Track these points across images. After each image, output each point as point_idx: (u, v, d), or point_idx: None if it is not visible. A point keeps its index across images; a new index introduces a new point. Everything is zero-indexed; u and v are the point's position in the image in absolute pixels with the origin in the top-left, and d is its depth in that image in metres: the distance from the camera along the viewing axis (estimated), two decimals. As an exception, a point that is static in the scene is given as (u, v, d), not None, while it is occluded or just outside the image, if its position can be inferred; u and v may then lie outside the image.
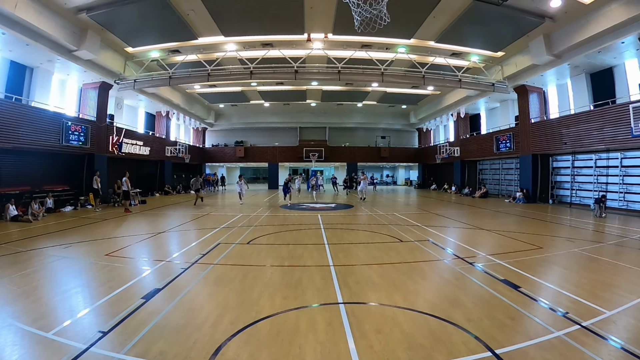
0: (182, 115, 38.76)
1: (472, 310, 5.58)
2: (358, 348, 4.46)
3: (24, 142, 18.44)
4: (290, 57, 22.97)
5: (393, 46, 22.79)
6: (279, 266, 8.46)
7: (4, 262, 9.07)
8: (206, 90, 35.03)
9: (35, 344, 4.74)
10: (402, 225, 14.57)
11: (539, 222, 16.03)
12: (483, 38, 21.60)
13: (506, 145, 28.00)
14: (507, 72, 24.63)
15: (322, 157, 44.91)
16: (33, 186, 19.90)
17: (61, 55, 19.49)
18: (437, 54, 23.36)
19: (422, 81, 24.62)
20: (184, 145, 38.03)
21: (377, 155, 46.92)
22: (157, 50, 23.38)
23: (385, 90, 34.76)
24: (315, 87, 33.52)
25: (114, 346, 4.64)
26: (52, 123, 20.48)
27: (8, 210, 16.42)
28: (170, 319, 5.44)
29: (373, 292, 6.53)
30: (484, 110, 35.70)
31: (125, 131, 26.93)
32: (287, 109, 43.98)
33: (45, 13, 16.95)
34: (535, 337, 4.65)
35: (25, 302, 6.23)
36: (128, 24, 19.79)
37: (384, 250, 10.28)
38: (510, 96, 28.01)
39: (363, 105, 42.04)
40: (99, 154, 24.20)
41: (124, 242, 11.81)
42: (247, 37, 21.93)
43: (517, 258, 8.92)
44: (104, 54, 21.96)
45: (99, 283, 7.38)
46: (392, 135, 50.05)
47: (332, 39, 21.77)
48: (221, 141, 49.83)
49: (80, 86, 24.91)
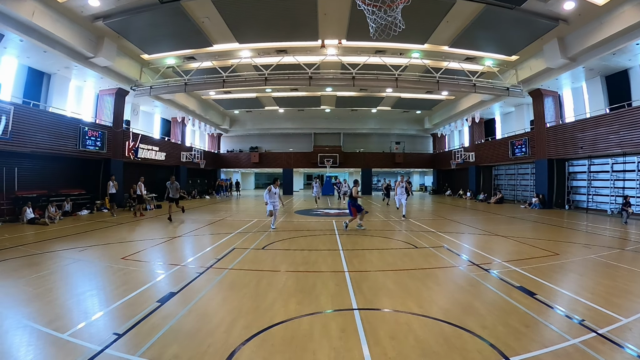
0: (198, 121, 39.05)
1: (487, 317, 5.53)
2: (372, 354, 4.44)
3: (41, 146, 18.76)
4: (304, 63, 23.09)
5: (407, 51, 22.78)
6: (293, 272, 8.47)
7: (21, 263, 9.22)
8: (221, 97, 35.30)
9: (50, 345, 4.79)
10: (417, 231, 14.51)
11: (555, 228, 15.85)
12: (497, 42, 21.48)
13: (521, 150, 27.71)
14: (521, 76, 24.43)
15: (337, 163, 44.79)
16: (50, 190, 20.24)
17: (78, 62, 19.84)
18: (451, 59, 23.33)
19: (436, 86, 24.55)
20: (199, 151, 38.26)
21: (391, 161, 46.68)
22: (172, 57, 23.67)
23: (400, 96, 34.69)
24: (330, 93, 33.56)
25: (128, 349, 4.68)
26: (69, 128, 20.81)
27: (25, 213, 16.72)
28: (185, 323, 5.47)
29: (387, 299, 6.51)
30: (498, 115, 35.43)
31: (141, 137, 27.22)
32: (302, 115, 44.10)
33: (62, 21, 17.29)
34: (551, 344, 4.59)
35: (40, 304, 6.32)
36: (144, 32, 20.05)
37: (398, 256, 10.26)
38: (525, 100, 27.77)
39: (377, 111, 42.02)
40: (115, 159, 24.50)
41: (139, 246, 11.92)
42: (261, 44, 22.11)
43: (533, 265, 8.81)
44: (120, 61, 22.27)
45: (115, 286, 7.47)
46: (406, 141, 49.80)
47: (346, 44, 21.83)
48: (236, 147, 50.03)
49: (97, 92, 25.28)
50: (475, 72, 24.18)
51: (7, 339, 5.01)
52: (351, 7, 17.11)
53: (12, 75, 19.43)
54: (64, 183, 21.88)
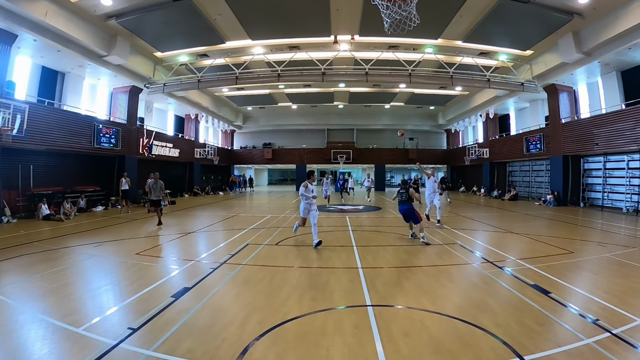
0: (211, 117, 39.31)
1: (501, 315, 5.50)
2: (385, 351, 4.44)
3: (56, 144, 19.01)
4: (317, 59, 23.03)
5: (420, 46, 22.64)
6: (306, 268, 8.49)
7: (36, 259, 9.34)
8: (234, 93, 35.42)
9: (65, 339, 4.87)
10: (431, 227, 14.44)
11: (570, 225, 15.65)
12: (511, 36, 21.21)
13: (536, 146, 27.35)
14: (536, 71, 24.08)
15: (350, 159, 44.69)
16: (65, 186, 20.53)
17: (92, 60, 20.08)
18: (464, 54, 23.11)
19: (450, 81, 24.35)
20: (212, 147, 38.48)
21: (404, 157, 46.34)
22: (185, 54, 23.79)
23: (413, 92, 34.50)
24: (343, 89, 33.51)
25: (143, 343, 4.73)
26: (84, 126, 21.07)
27: (40, 210, 16.96)
28: (199, 317, 5.51)
29: (401, 295, 6.50)
30: (513, 111, 35.07)
31: (155, 134, 27.41)
32: (315, 111, 44.08)
33: (75, 20, 17.47)
34: (564, 344, 4.55)
35: (56, 298, 6.41)
36: (156, 30, 20.17)
37: (412, 253, 10.21)
38: (540, 96, 27.40)
39: (391, 107, 41.84)
40: (130, 156, 24.74)
41: (153, 241, 12.03)
42: (274, 40, 22.10)
43: (547, 262, 8.73)
44: (134, 59, 22.46)
45: (129, 281, 7.54)
46: (420, 137, 49.39)
47: (358, 40, 21.74)
48: (249, 143, 50.20)
49: (111, 90, 25.55)
50: (489, 67, 23.93)
51: (22, 333, 5.10)
52: (364, 2, 17.06)
53: (27, 74, 19.70)
54: (79, 180, 22.14)
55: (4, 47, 15.86)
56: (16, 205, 17.83)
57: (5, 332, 5.04)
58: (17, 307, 6.02)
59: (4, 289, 6.98)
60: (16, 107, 15.42)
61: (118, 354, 4.47)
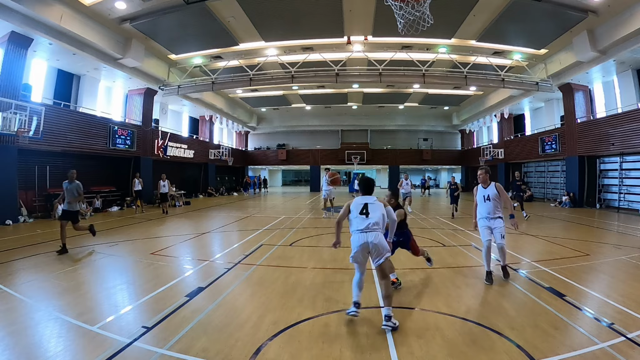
0: (225, 119, 39.63)
1: (516, 318, 5.44)
2: (399, 353, 4.43)
3: (72, 145, 19.33)
4: (330, 60, 23.06)
5: (434, 46, 22.54)
6: (321, 268, 8.48)
7: (52, 258, 9.48)
8: (248, 95, 35.60)
9: (80, 337, 4.93)
10: (445, 229, 14.37)
11: (586, 227, 15.45)
12: (525, 35, 21.01)
13: (551, 146, 27.09)
14: (551, 70, 23.84)
15: (364, 160, 44.64)
16: (81, 187, 20.62)
17: (107, 63, 20.36)
18: (478, 53, 22.95)
19: (464, 81, 24.24)
20: (227, 149, 38.70)
21: (419, 157, 46.30)
22: (199, 56, 24.00)
23: (427, 92, 34.40)
24: (357, 89, 33.50)
25: (157, 341, 4.77)
26: (100, 127, 21.37)
27: (57, 209, 17.12)
28: (213, 317, 5.54)
29: (415, 297, 6.48)
30: (528, 111, 34.79)
31: (170, 135, 27.69)
32: (329, 111, 44.17)
33: (89, 24, 17.71)
34: (579, 348, 4.48)
35: (71, 297, 6.49)
36: (170, 32, 20.37)
37: (432, 252, 10.16)
38: (555, 95, 27.07)
39: (405, 107, 41.77)
40: (145, 157, 25.00)
41: (168, 241, 12.13)
42: (287, 42, 22.19)
43: (562, 265, 8.62)
44: (148, 62, 22.70)
45: (144, 280, 7.62)
46: (434, 138, 49.34)
47: (372, 41, 21.72)
48: (263, 144, 50.46)
49: (126, 92, 25.90)
50: (504, 67, 23.70)
51: (38, 330, 5.16)
52: (376, 3, 17.06)
53: (43, 77, 20.05)
54: (95, 180, 22.39)
55: (20, 50, 16.13)
56: (32, 205, 18.14)
57: (21, 330, 5.11)
58: (33, 305, 6.10)
59: (20, 287, 7.07)
60: (32, 109, 15.72)
61: (132, 352, 4.51)
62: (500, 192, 7.52)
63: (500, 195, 7.50)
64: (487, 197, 7.61)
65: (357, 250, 5.51)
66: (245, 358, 4.36)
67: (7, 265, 8.62)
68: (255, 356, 4.41)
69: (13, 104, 14.90)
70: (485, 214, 7.65)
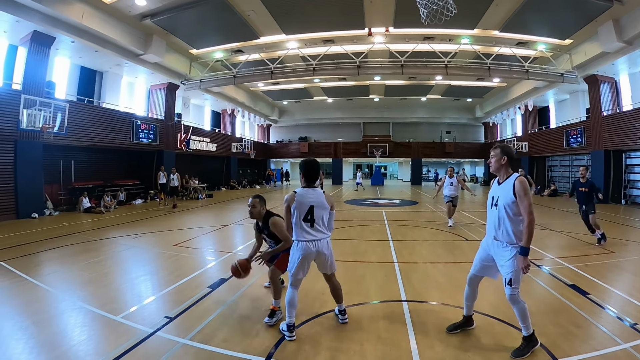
0: (247, 112, 39.78)
1: (537, 315, 5.33)
2: (419, 347, 4.42)
3: (96, 140, 19.64)
4: (352, 52, 22.93)
5: (456, 37, 22.20)
6: (342, 261, 8.46)
7: (77, 249, 9.65)
8: (270, 88, 35.64)
9: (103, 326, 5.04)
10: (468, 223, 14.23)
11: (611, 224, 14.84)
12: (549, 25, 20.41)
13: (577, 140, 26.39)
14: (576, 61, 23.09)
15: (386, 153, 44.43)
16: (105, 180, 21.25)
17: (129, 59, 20.62)
18: (501, 44, 22.49)
19: (487, 73, 23.83)
20: (249, 142, 38.79)
21: (441, 150, 45.80)
22: (220, 51, 24.10)
23: (450, 83, 33.95)
24: (378, 82, 33.27)
25: (179, 332, 4.86)
26: (123, 122, 21.69)
27: (82, 203, 17.52)
28: (235, 308, 5.60)
29: (436, 291, 6.44)
30: (553, 103, 33.98)
31: (193, 129, 27.92)
32: (350, 104, 43.98)
33: (110, 21, 17.91)
34: (601, 348, 4.36)
35: (95, 287, 6.63)
36: (191, 27, 20.48)
37: (448, 248, 10.10)
38: (581, 87, 26.29)
39: (427, 100, 41.30)
40: (168, 151, 25.27)
41: (191, 233, 12.27)
42: (307, 35, 22.09)
43: (586, 262, 8.43)
44: (170, 57, 22.88)
45: (167, 272, 7.73)
46: (457, 130, 48.73)
47: (393, 32, 21.47)
48: (285, 137, 50.64)
49: (148, 87, 26.23)
50: (528, 58, 23.16)
51: (62, 319, 5.30)
52: (397, -7, 16.87)
53: (66, 74, 20.39)
54: (119, 174, 22.85)
55: (43, 49, 16.39)
56: (58, 198, 18.53)
57: (47, 319, 5.23)
58: (57, 295, 6.25)
59: (45, 277, 7.23)
60: (57, 105, 16.05)
61: (154, 341, 4.60)
62: (520, 197, 4.15)
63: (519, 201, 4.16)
64: (496, 201, 4.45)
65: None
66: (266, 350, 4.40)
67: (32, 257, 8.82)
68: (276, 348, 4.45)
69: (37, 101, 15.19)
70: (489, 229, 4.63)
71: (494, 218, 4.45)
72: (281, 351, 4.38)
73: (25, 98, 14.92)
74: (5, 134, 14.91)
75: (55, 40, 16.79)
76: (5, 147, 15.00)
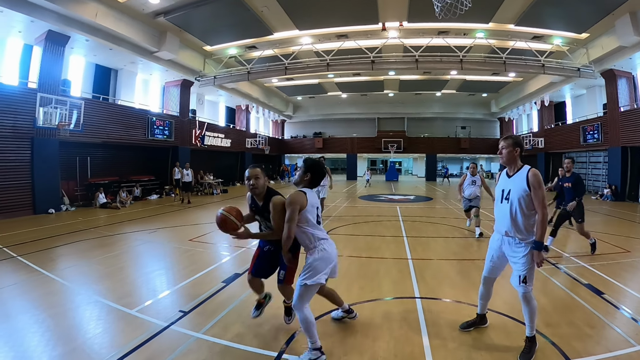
0: (261, 108, 39.84)
1: (552, 314, 5.32)
2: (432, 345, 4.41)
3: (112, 137, 19.86)
4: (366, 47, 22.74)
5: (471, 31, 21.92)
6: (356, 257, 8.49)
7: (93, 244, 9.78)
8: (284, 84, 35.60)
9: (118, 320, 5.12)
10: (483, 220, 14.08)
11: (628, 222, 14.59)
12: (565, 18, 19.93)
13: (593, 136, 25.88)
14: (593, 56, 22.56)
15: (401, 148, 44.23)
16: (121, 176, 21.45)
17: (143, 57, 20.77)
18: (517, 38, 22.07)
19: (502, 67, 23.49)
20: (263, 137, 39.00)
21: (456, 146, 45.38)
22: (234, 47, 24.09)
23: (465, 78, 33.58)
24: (393, 77, 33.02)
25: (193, 326, 4.92)
26: (138, 119, 21.91)
27: (98, 198, 17.74)
28: (249, 303, 5.60)
29: (450, 288, 6.41)
30: (569, 98, 33.38)
31: (207, 125, 28.03)
32: (365, 99, 43.75)
33: (124, 19, 18.01)
34: (615, 349, 4.29)
35: (110, 282, 6.73)
36: (204, 24, 20.51)
37: (463, 245, 10.04)
38: (598, 82, 25.72)
39: (442, 95, 40.89)
40: (183, 147, 25.46)
41: (206, 228, 12.35)
42: (321, 30, 21.96)
43: (602, 261, 8.29)
44: (184, 54, 22.97)
45: (182, 266, 7.82)
46: (472, 125, 48.33)
47: (407, 27, 21.25)
48: (300, 133, 50.67)
49: (163, 84, 26.45)
50: (544, 52, 22.76)
51: (78, 313, 5.40)
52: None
53: (81, 72, 20.61)
54: (134, 170, 23.08)
55: (58, 48, 16.56)
56: (74, 194, 18.75)
57: (63, 312, 5.33)
58: (74, 289, 6.36)
59: (62, 272, 7.35)
60: (72, 103, 16.27)
61: (169, 335, 4.67)
62: (535, 190, 4.03)
63: (533, 194, 4.04)
64: (507, 194, 4.27)
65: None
66: (278, 345, 4.44)
67: (49, 252, 8.96)
68: (288, 343, 4.48)
69: (53, 99, 15.43)
70: (499, 224, 4.44)
71: (505, 212, 4.25)
72: (294, 347, 4.41)
73: (41, 96, 15.13)
74: (22, 131, 15.12)
75: (70, 39, 16.94)
76: (22, 144, 15.22)
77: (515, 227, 4.15)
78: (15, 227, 12.26)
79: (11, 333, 4.70)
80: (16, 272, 7.27)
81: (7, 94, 14.69)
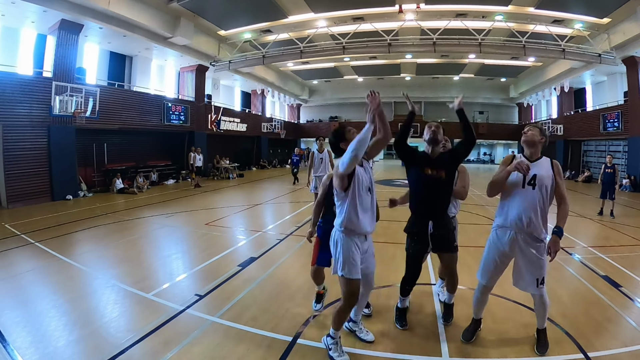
0: (277, 92, 39.72)
1: (568, 305, 5.27)
2: (447, 334, 4.43)
3: (128, 123, 19.95)
4: (382, 30, 22.37)
5: (490, 14, 21.42)
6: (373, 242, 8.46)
7: (111, 229, 9.90)
8: (299, 68, 35.39)
9: (135, 303, 5.21)
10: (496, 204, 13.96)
11: None
12: (586, 2, 19.34)
13: (613, 124, 25.17)
14: (614, 41, 21.79)
15: (417, 133, 43.71)
16: (138, 162, 21.63)
17: (157, 43, 20.71)
18: (537, 22, 21.50)
19: (522, 51, 22.94)
20: (279, 122, 39.03)
21: (474, 131, 44.82)
22: (249, 31, 23.92)
23: (483, 62, 33.01)
24: (410, 60, 32.60)
25: (209, 309, 4.99)
26: (154, 105, 21.96)
27: (115, 184, 17.94)
28: (264, 287, 5.68)
29: (466, 276, 6.30)
30: (589, 84, 32.46)
31: (223, 109, 28.02)
32: (381, 83, 43.29)
33: (137, 6, 17.90)
34: (631, 344, 4.21)
35: (128, 266, 6.84)
36: (218, 8, 20.32)
37: (480, 232, 9.90)
38: (619, 69, 24.89)
39: (460, 79, 40.39)
40: (199, 132, 25.53)
41: (222, 212, 12.47)
42: (336, 12, 21.66)
43: (620, 253, 8.12)
44: (198, 39, 22.89)
45: (198, 250, 7.91)
46: (490, 111, 47.48)
47: (424, 9, 20.84)
48: (315, 117, 50.41)
49: (178, 70, 26.45)
50: (564, 37, 22.18)
51: (95, 296, 5.50)
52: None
53: (96, 60, 20.70)
54: (151, 155, 23.21)
55: (72, 36, 16.60)
56: (92, 180, 18.93)
57: (81, 296, 5.44)
58: (91, 273, 6.46)
59: (80, 257, 7.46)
60: (88, 91, 16.32)
61: (185, 318, 4.74)
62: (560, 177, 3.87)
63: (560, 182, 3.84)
64: (532, 179, 3.83)
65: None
66: (294, 328, 4.48)
67: (67, 237, 9.09)
68: (304, 327, 4.53)
69: (68, 87, 15.51)
70: (513, 214, 3.94)
71: (530, 199, 3.78)
72: (309, 331, 4.44)
73: (56, 85, 15.22)
74: (39, 120, 15.26)
75: (84, 27, 16.96)
76: (39, 132, 15.36)
77: (540, 218, 3.77)
78: (34, 213, 12.42)
79: (30, 317, 4.78)
80: (34, 257, 7.41)
81: (23, 84, 14.80)
